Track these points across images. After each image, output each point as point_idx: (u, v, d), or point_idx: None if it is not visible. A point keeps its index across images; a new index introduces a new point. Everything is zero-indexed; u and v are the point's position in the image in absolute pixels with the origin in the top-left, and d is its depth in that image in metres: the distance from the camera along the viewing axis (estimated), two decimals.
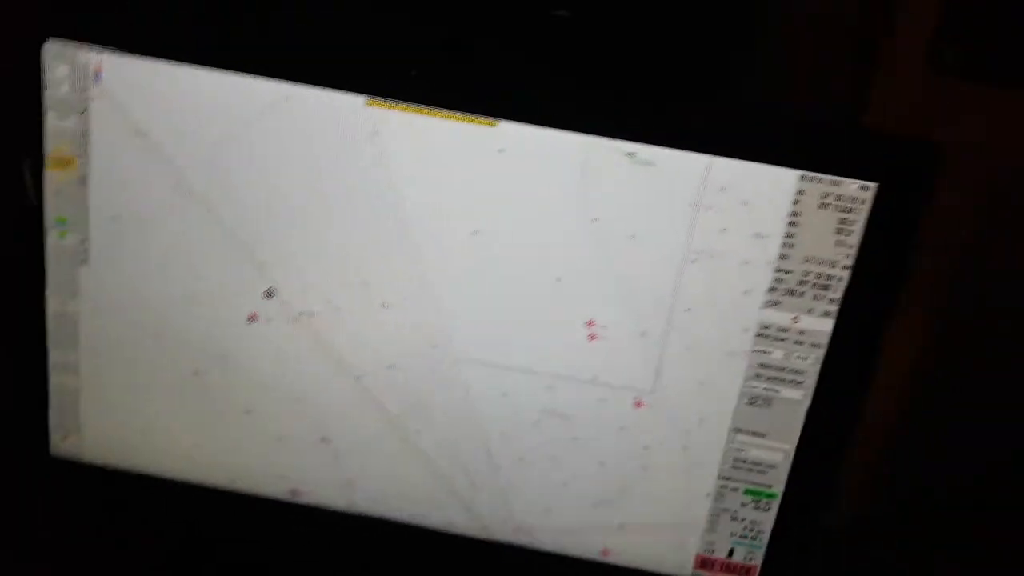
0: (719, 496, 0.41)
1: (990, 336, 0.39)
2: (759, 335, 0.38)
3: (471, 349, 0.40)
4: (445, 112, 0.36)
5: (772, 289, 0.38)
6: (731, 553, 0.42)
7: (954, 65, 0.38)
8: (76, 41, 0.36)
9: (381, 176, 0.37)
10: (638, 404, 0.40)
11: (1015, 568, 0.43)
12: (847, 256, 0.37)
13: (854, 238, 0.37)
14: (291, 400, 0.42)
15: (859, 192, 0.36)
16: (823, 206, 0.36)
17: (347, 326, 0.40)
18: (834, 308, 0.38)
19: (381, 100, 0.36)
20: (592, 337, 0.39)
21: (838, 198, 0.36)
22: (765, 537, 0.42)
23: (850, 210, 0.36)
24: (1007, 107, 0.39)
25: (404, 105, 0.36)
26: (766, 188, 0.36)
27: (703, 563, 0.42)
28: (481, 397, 0.41)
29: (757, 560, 0.42)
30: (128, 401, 0.43)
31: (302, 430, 0.42)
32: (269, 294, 0.40)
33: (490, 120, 0.36)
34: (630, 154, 0.36)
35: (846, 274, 0.37)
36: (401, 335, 0.40)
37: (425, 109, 0.36)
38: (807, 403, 0.39)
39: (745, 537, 0.42)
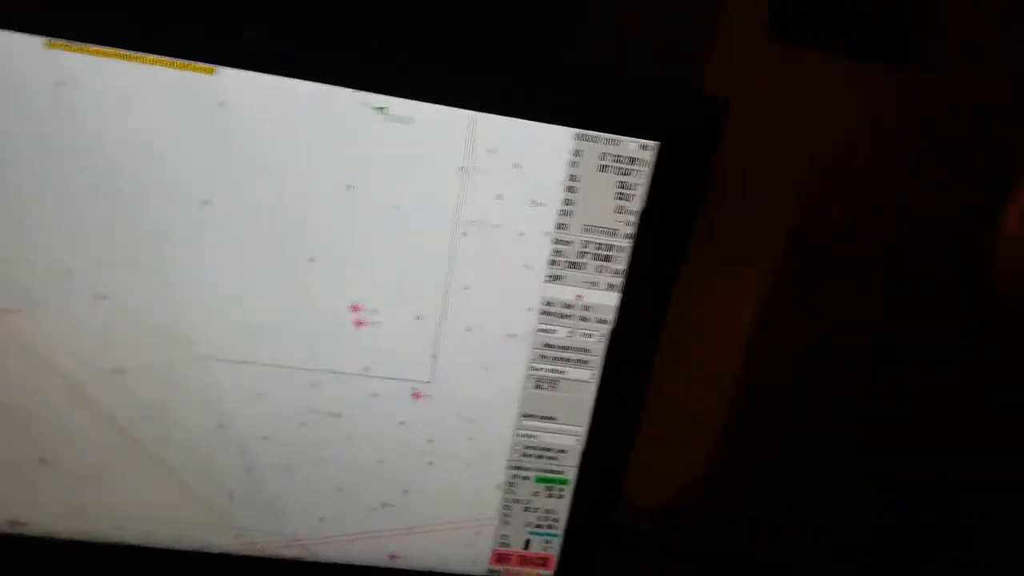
0: (510, 487, 0.38)
1: (789, 302, 0.38)
2: (543, 313, 0.35)
3: (214, 345, 0.34)
4: (150, 57, 0.29)
5: (553, 262, 0.34)
6: (527, 545, 0.39)
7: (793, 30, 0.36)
8: None
9: (77, 137, 0.30)
10: (417, 395, 0.36)
11: (824, 550, 0.43)
12: (628, 224, 0.34)
13: (635, 203, 0.34)
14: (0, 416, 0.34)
15: (639, 152, 0.33)
16: (602, 168, 0.33)
17: (56, 324, 0.33)
18: (618, 281, 0.35)
19: (65, 42, 0.29)
20: (360, 323, 0.34)
21: (617, 159, 0.33)
22: (561, 525, 0.39)
23: (630, 172, 0.33)
24: (798, 61, 0.37)
25: (96, 48, 0.29)
26: (540, 149, 0.32)
27: (499, 558, 0.39)
28: (232, 400, 0.35)
29: (554, 550, 0.39)
30: None
31: (15, 450, 0.35)
32: None
33: (207, 66, 0.30)
34: (380, 108, 0.31)
35: (628, 243, 0.34)
36: (125, 332, 0.33)
37: (123, 53, 0.29)
38: (595, 383, 0.36)
39: (541, 527, 0.39)
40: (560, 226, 0.33)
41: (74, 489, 0.36)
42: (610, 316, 0.35)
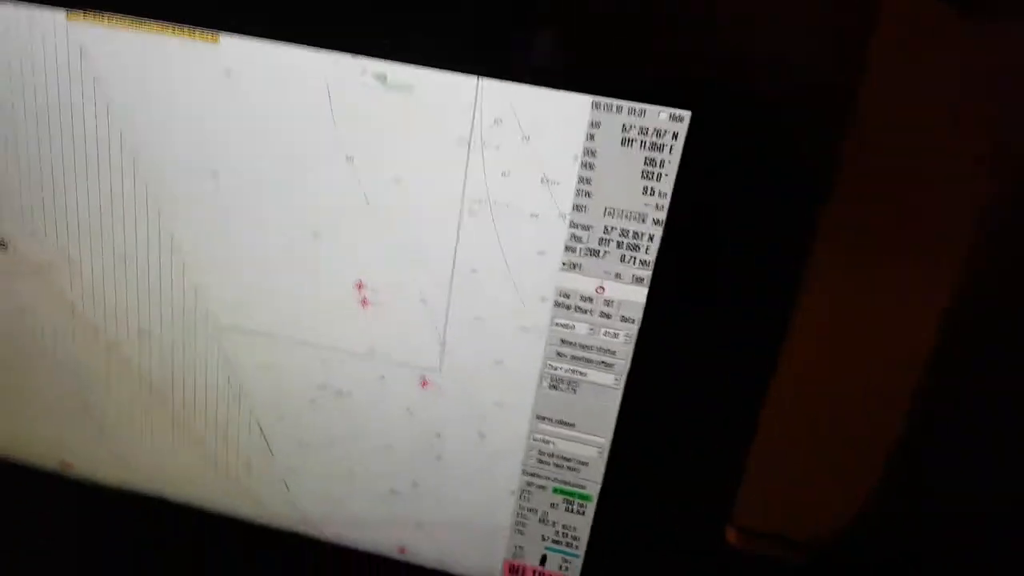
0: (525, 494, 0.35)
1: (836, 302, 0.31)
2: (558, 305, 0.31)
3: (227, 314, 0.34)
4: (156, 24, 0.30)
5: (569, 249, 0.30)
6: (544, 560, 0.36)
7: None
8: None
9: (98, 105, 0.31)
10: (424, 383, 0.34)
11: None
12: (658, 207, 0.29)
13: (666, 183, 0.29)
14: (48, 363, 0.37)
15: (669, 123, 0.28)
16: (626, 142, 0.28)
17: (87, 282, 0.34)
18: (646, 273, 0.30)
19: (83, 12, 0.30)
20: (365, 302, 0.33)
21: (643, 131, 0.28)
22: (582, 544, 0.35)
23: (659, 147, 0.28)
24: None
25: (109, 17, 0.30)
26: (551, 119, 0.28)
27: (512, 570, 0.36)
28: (247, 371, 0.35)
29: (574, 570, 0.35)
30: None
31: (63, 397, 0.37)
32: (2, 244, 0.35)
33: (210, 34, 0.29)
34: (380, 75, 0.29)
35: (658, 230, 0.29)
36: (147, 294, 0.34)
37: (132, 21, 0.30)
38: (620, 389, 0.32)
39: (559, 543, 0.35)
40: (577, 207, 0.30)
41: (114, 439, 0.38)
42: (637, 314, 0.31)
